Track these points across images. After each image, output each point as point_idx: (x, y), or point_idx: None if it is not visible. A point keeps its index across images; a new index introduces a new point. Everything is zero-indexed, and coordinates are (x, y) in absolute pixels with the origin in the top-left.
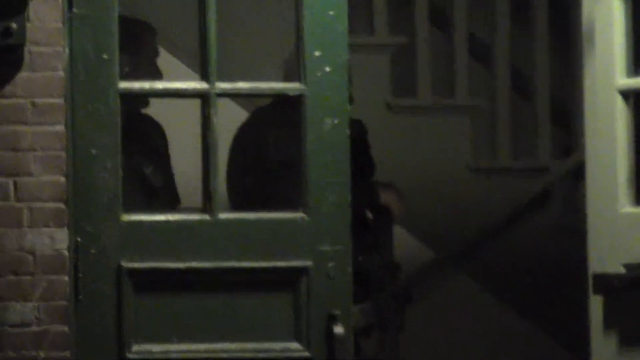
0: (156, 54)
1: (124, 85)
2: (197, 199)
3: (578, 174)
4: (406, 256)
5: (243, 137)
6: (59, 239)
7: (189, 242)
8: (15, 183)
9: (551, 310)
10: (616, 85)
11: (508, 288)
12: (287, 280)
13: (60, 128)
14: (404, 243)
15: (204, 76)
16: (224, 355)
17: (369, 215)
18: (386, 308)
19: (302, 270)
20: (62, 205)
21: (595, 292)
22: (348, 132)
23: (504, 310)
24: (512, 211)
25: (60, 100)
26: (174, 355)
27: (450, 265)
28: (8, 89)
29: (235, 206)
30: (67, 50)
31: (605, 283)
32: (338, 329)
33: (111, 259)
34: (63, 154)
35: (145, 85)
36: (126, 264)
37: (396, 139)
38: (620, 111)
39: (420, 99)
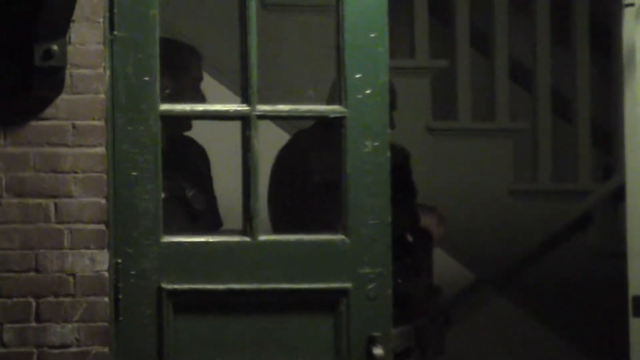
0: (200, 78)
1: (164, 107)
2: (238, 220)
3: (619, 196)
4: (446, 279)
5: (284, 160)
6: (100, 261)
7: (229, 263)
8: (56, 205)
9: (592, 333)
10: None
11: (548, 311)
12: (327, 302)
13: (101, 150)
14: (445, 265)
15: (245, 98)
16: None
17: (410, 238)
18: (425, 332)
19: (342, 292)
20: (102, 227)
21: (636, 314)
22: (388, 154)
23: (545, 333)
24: (552, 234)
25: (101, 123)
26: None
27: (491, 288)
28: (49, 111)
29: (276, 228)
30: (108, 72)
31: None
32: (378, 351)
33: (151, 281)
34: (104, 175)
35: (186, 107)
36: (166, 286)
37: (437, 162)
38: None
39: (460, 122)
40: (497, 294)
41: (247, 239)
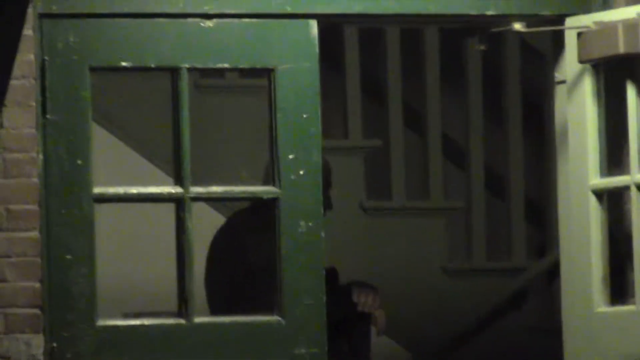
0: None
1: (98, 190)
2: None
3: (553, 273)
4: (381, 357)
5: (220, 242)
6: (35, 345)
7: (166, 346)
8: None
9: None
10: (589, 185)
11: None
12: None
13: (34, 234)
14: (380, 344)
15: (178, 181)
16: None
17: (355, 297)
18: None
19: None
20: (37, 311)
21: None
22: (322, 234)
23: None
24: (488, 311)
25: (34, 206)
26: None
27: None
28: None
29: (214, 311)
30: (41, 156)
31: None
32: None
33: None
34: (38, 259)
35: (120, 190)
36: None
37: (371, 240)
38: (594, 211)
39: (395, 202)
40: None
41: (182, 321)
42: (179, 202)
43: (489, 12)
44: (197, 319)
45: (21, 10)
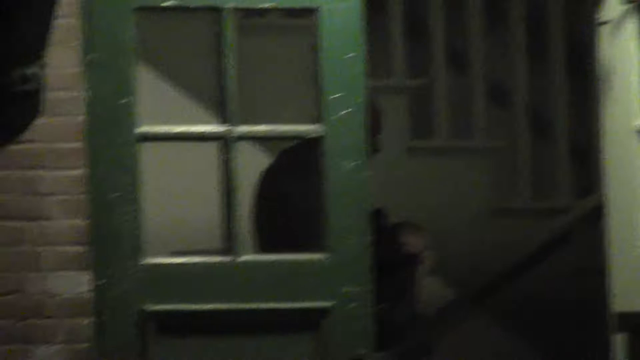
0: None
1: (143, 129)
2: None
3: (598, 213)
4: (427, 295)
5: (268, 180)
6: (81, 283)
7: (211, 284)
8: (36, 227)
9: (573, 350)
10: (634, 125)
11: (529, 329)
12: (309, 321)
13: (80, 172)
14: (426, 284)
15: (223, 119)
16: None
17: (403, 238)
18: (407, 358)
19: (324, 312)
20: (83, 249)
21: (619, 330)
22: (368, 173)
23: (526, 351)
24: (533, 252)
25: (79, 145)
26: None
27: (471, 307)
28: (28, 134)
29: (261, 249)
30: (85, 96)
31: (629, 321)
32: None
33: (133, 302)
34: (83, 198)
35: (165, 129)
36: (148, 307)
37: (416, 181)
38: (638, 151)
39: (439, 141)
40: (478, 312)
41: (228, 259)
42: (224, 141)
43: None
44: (243, 257)
45: None
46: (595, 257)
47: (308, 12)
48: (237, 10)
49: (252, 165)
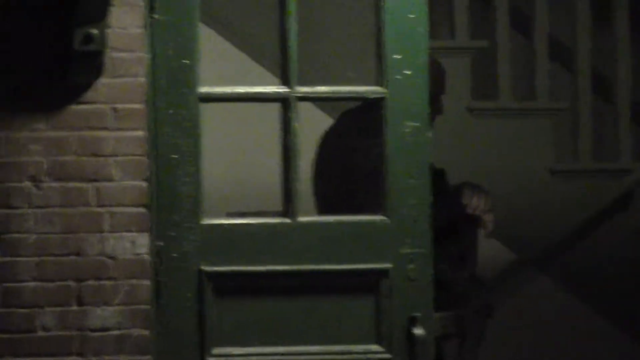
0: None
1: (204, 89)
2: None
3: None
4: (487, 258)
5: (329, 142)
6: (140, 244)
7: (270, 245)
8: (97, 188)
9: (635, 312)
10: None
11: (591, 290)
12: (367, 282)
13: (141, 133)
14: (485, 245)
15: (284, 80)
16: (305, 357)
17: (465, 199)
18: (467, 320)
19: (383, 273)
20: (143, 210)
21: None
22: (428, 134)
23: (587, 312)
24: (594, 213)
25: (141, 106)
26: (254, 358)
27: (532, 269)
28: (89, 94)
29: (321, 210)
30: (148, 56)
31: None
32: (418, 331)
33: (192, 263)
34: (144, 159)
35: (227, 89)
36: (207, 268)
37: (477, 142)
38: None
39: (501, 102)
40: (538, 274)
41: (287, 220)
42: (285, 102)
43: None
44: (302, 218)
45: None
46: None
47: None
48: None
49: (313, 126)
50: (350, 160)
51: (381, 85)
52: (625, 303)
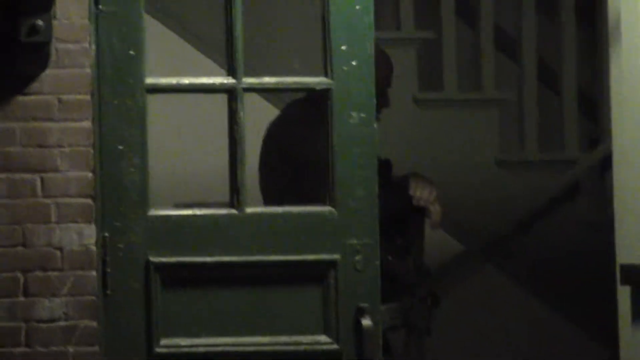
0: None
1: (150, 80)
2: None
3: (606, 165)
4: (434, 249)
5: (274, 133)
6: (87, 235)
7: (217, 236)
8: (42, 179)
9: (581, 302)
10: None
11: (537, 281)
12: (315, 273)
13: (87, 124)
14: (432, 235)
15: (231, 71)
16: (253, 348)
17: (411, 190)
18: (413, 311)
19: (330, 264)
20: (89, 201)
21: (623, 282)
22: (375, 126)
23: (533, 303)
24: (540, 204)
25: (87, 97)
26: (202, 349)
27: (479, 258)
28: (35, 86)
29: (267, 202)
30: (93, 47)
31: (632, 274)
32: (366, 322)
33: (139, 254)
34: (90, 150)
35: (172, 80)
36: (154, 259)
37: (423, 133)
38: None
39: (447, 93)
40: (485, 264)
41: (234, 211)
42: (231, 93)
43: None
44: (249, 209)
45: None
46: (603, 210)
47: None
48: None
49: (259, 118)
50: (297, 151)
51: (327, 77)
52: (570, 293)
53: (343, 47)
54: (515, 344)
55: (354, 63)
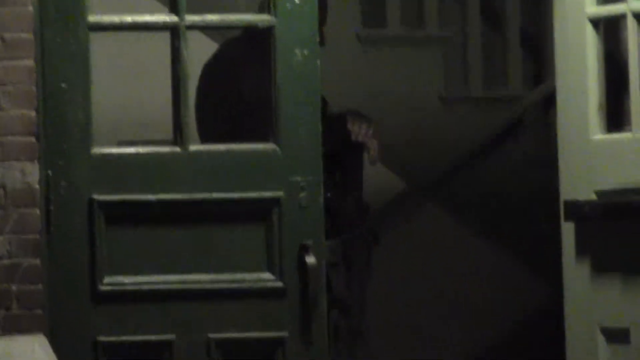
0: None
1: (93, 19)
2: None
3: (550, 102)
4: (377, 186)
5: (210, 71)
6: (30, 173)
7: (160, 174)
8: None
9: (525, 239)
10: (586, 13)
11: (481, 219)
12: (259, 211)
13: (29, 62)
14: (375, 173)
15: (173, 9)
16: (197, 286)
17: (349, 126)
18: (352, 247)
19: (274, 201)
20: (32, 139)
21: (567, 219)
22: (318, 63)
23: (476, 240)
24: (484, 141)
25: (29, 35)
26: (146, 287)
27: (422, 196)
28: None
29: (204, 139)
30: None
31: (576, 210)
32: (310, 259)
33: (82, 192)
34: (33, 88)
35: (115, 19)
36: (97, 197)
37: (367, 70)
38: (590, 39)
39: (390, 30)
40: (428, 202)
41: (177, 149)
42: (174, 31)
43: None
44: (193, 147)
45: None
46: (546, 147)
47: None
48: None
49: (203, 56)
50: (236, 88)
51: (270, 14)
52: (515, 230)
53: None
54: (458, 282)
55: (297, 1)
